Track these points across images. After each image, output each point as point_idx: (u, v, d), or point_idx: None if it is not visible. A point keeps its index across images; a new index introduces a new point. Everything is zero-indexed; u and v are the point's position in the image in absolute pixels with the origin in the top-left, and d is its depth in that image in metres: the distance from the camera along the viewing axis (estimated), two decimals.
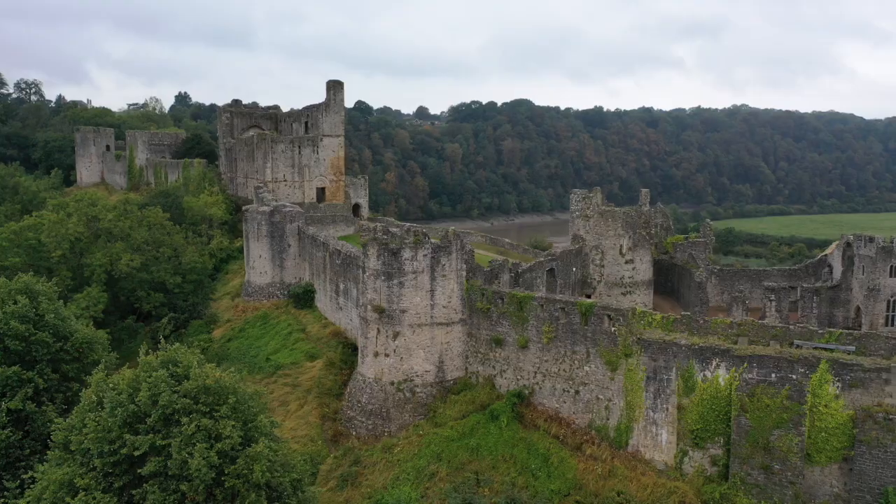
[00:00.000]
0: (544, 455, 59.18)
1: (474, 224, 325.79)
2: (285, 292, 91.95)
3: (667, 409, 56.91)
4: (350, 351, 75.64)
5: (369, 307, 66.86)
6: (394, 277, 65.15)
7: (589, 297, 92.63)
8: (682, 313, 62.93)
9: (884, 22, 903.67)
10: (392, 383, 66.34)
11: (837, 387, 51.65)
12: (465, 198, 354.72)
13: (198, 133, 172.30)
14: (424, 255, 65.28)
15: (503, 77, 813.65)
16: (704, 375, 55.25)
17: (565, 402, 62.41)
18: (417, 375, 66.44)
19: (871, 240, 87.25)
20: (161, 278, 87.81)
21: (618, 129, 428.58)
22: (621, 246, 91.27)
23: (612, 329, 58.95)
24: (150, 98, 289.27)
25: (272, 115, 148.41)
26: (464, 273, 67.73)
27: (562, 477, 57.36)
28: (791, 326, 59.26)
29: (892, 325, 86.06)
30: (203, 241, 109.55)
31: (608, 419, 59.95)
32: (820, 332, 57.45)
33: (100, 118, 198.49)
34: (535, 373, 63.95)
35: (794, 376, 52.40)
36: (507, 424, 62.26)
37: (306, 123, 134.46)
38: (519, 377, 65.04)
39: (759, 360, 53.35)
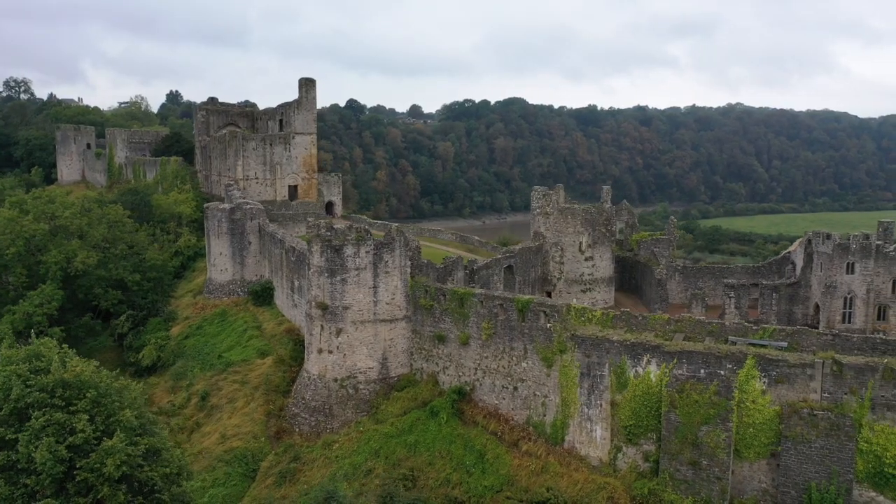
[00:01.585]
0: (480, 451, 59.31)
1: (466, 222, 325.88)
2: (246, 290, 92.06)
3: (600, 405, 56.98)
4: (301, 348, 75.65)
5: (313, 304, 66.97)
6: (336, 274, 65.25)
7: (549, 294, 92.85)
8: (622, 310, 62.97)
9: (876, 21, 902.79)
10: (335, 380, 66.46)
11: (764, 382, 51.75)
12: (456, 196, 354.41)
13: (177, 131, 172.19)
14: (367, 252, 65.37)
15: (499, 76, 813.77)
16: (636, 371, 55.32)
17: (504, 399, 62.50)
18: (361, 372, 66.55)
19: (829, 237, 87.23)
20: (119, 276, 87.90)
21: (611, 128, 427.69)
22: (581, 243, 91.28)
23: (548, 325, 59.00)
24: (136, 96, 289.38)
25: (248, 113, 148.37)
26: (408, 270, 67.77)
27: (496, 473, 57.47)
28: (726, 323, 59.29)
29: (849, 322, 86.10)
30: (170, 238, 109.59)
31: (545, 415, 60.02)
32: (754, 328, 57.56)
33: (82, 116, 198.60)
34: (476, 369, 64.03)
35: (721, 372, 52.50)
36: (446, 421, 62.37)
37: (281, 121, 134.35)
38: (461, 374, 65.12)
39: (688, 356, 53.44)
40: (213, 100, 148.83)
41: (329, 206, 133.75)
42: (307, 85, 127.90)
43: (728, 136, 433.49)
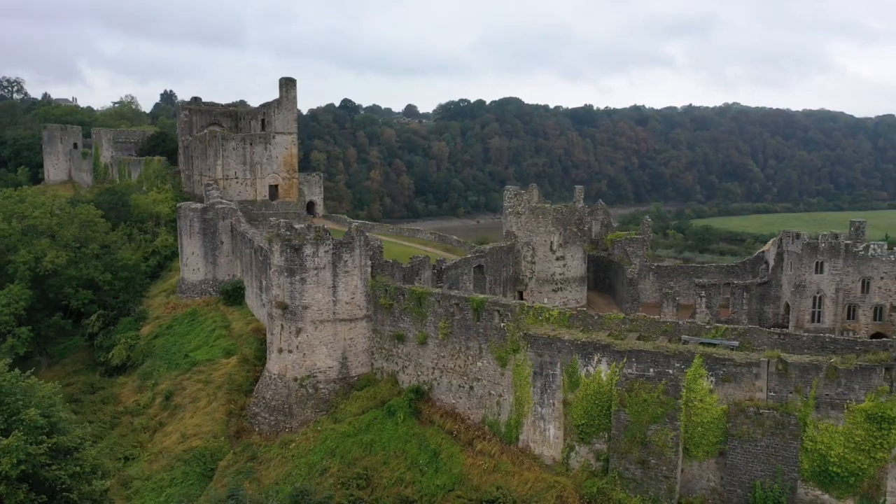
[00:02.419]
0: (435, 451, 59.41)
1: (460, 222, 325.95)
2: (218, 289, 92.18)
3: (553, 404, 57.06)
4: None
5: (274, 303, 67.09)
6: (296, 273, 65.39)
7: (521, 293, 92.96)
8: (578, 309, 63.05)
9: (871, 21, 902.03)
10: (295, 379, 66.59)
11: (711, 381, 51.80)
12: (450, 196, 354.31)
13: (163, 131, 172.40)
14: (326, 252, 65.50)
15: (496, 75, 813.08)
16: (587, 371, 55.39)
17: (461, 398, 62.61)
18: (320, 372, 66.68)
19: (798, 236, 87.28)
20: (90, 275, 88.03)
21: (607, 128, 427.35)
22: (552, 243, 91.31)
23: (502, 325, 59.11)
24: (126, 96, 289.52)
25: (232, 113, 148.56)
26: (368, 269, 67.88)
27: (448, 472, 57.56)
28: (680, 322, 59.37)
29: (819, 321, 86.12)
30: (147, 238, 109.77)
31: (500, 415, 60.12)
32: (707, 327, 57.61)
33: (70, 116, 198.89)
34: (434, 368, 64.15)
35: (670, 371, 52.56)
36: (403, 420, 62.50)
37: (263, 121, 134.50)
38: (419, 373, 65.24)
39: (637, 355, 53.51)
40: (196, 99, 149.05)
41: (310, 206, 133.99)
42: (287, 84, 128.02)
43: (724, 136, 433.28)
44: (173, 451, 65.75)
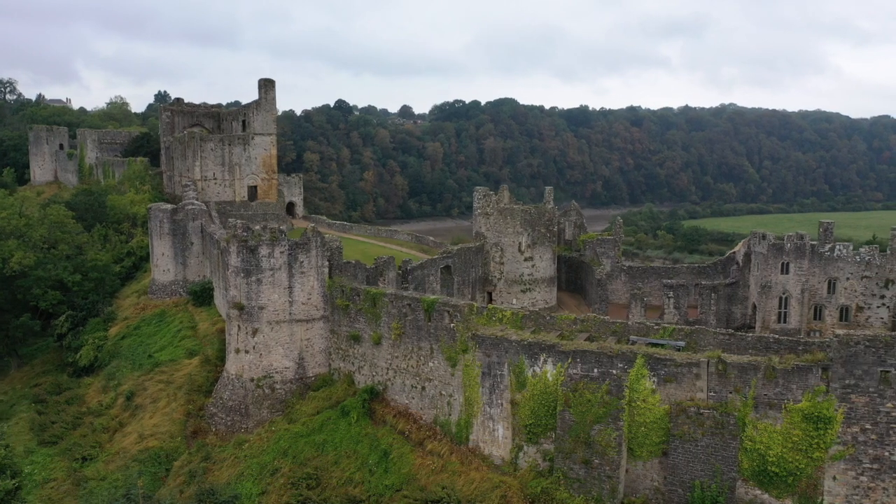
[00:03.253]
0: (385, 451, 59.62)
1: (454, 223, 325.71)
2: (188, 290, 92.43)
3: (501, 404, 57.24)
4: None
5: (231, 304, 67.36)
6: (252, 274, 65.66)
7: (490, 294, 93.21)
8: (529, 310, 63.24)
9: (864, 22, 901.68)
10: (252, 380, 66.85)
11: (654, 382, 51.95)
12: (445, 197, 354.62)
13: (148, 132, 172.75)
14: (281, 253, 65.76)
15: (492, 76, 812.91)
16: (534, 371, 55.57)
17: (413, 398, 62.83)
18: (277, 372, 66.93)
19: (764, 237, 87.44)
20: (59, 276, 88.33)
21: (602, 128, 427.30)
22: (520, 243, 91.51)
23: (451, 325, 59.31)
24: (116, 96, 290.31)
25: (214, 114, 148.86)
26: (325, 270, 68.13)
27: (397, 472, 57.78)
28: (629, 322, 59.58)
29: (785, 322, 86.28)
30: (123, 239, 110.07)
31: (450, 415, 60.33)
32: (655, 327, 57.81)
33: (58, 117, 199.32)
34: (388, 369, 64.37)
35: (613, 371, 52.73)
36: (356, 420, 62.73)
37: (244, 122, 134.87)
38: (374, 373, 65.48)
39: (581, 355, 53.67)
40: (178, 100, 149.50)
41: (290, 207, 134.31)
42: (266, 86, 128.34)
43: (719, 137, 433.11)
44: (130, 452, 66.07)
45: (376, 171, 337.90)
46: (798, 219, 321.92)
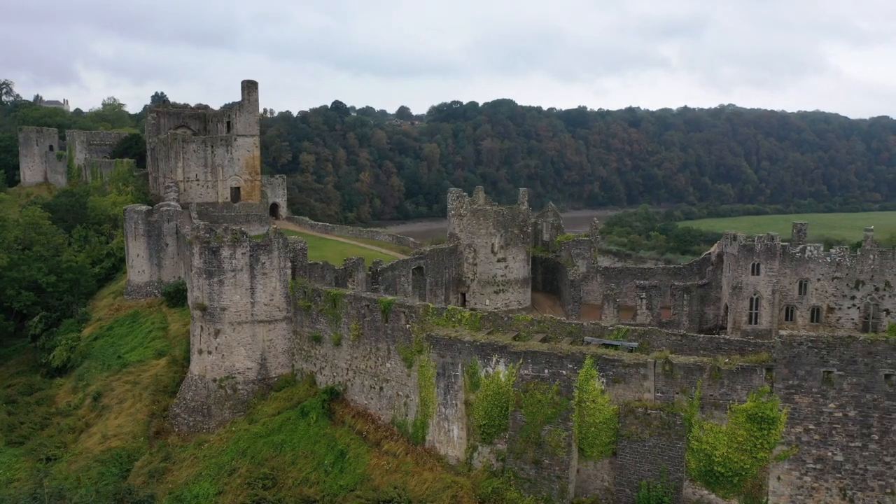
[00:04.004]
0: (342, 451, 59.87)
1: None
2: (162, 291, 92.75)
3: (456, 404, 57.44)
4: None
5: (194, 305, 67.68)
6: (214, 275, 65.98)
7: (464, 295, 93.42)
8: (487, 311, 63.42)
9: (862, 22, 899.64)
10: (215, 380, 67.17)
11: (602, 382, 52.11)
12: (441, 198, 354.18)
13: (137, 133, 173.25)
14: (243, 254, 66.07)
15: (490, 77, 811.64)
16: (487, 371, 55.77)
17: (372, 399, 63.07)
18: (239, 373, 67.24)
19: (735, 238, 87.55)
20: (34, 277, 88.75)
21: (600, 129, 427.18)
22: (493, 245, 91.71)
23: (407, 326, 59.53)
24: (109, 98, 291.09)
25: (200, 115, 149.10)
26: (288, 271, 68.40)
27: (353, 472, 58.03)
28: (585, 323, 59.73)
29: (756, 322, 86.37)
30: (103, 240, 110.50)
31: (407, 415, 60.54)
32: (609, 328, 57.95)
33: (49, 118, 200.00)
34: (348, 369, 64.63)
35: (563, 372, 52.92)
36: (315, 421, 63.00)
37: (228, 123, 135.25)
38: (335, 374, 65.75)
39: (532, 355, 53.87)
40: (164, 101, 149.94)
41: (274, 208, 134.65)
42: (249, 87, 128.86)
43: (717, 138, 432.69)
44: (93, 452, 66.37)
45: (372, 173, 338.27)
46: (794, 219, 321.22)
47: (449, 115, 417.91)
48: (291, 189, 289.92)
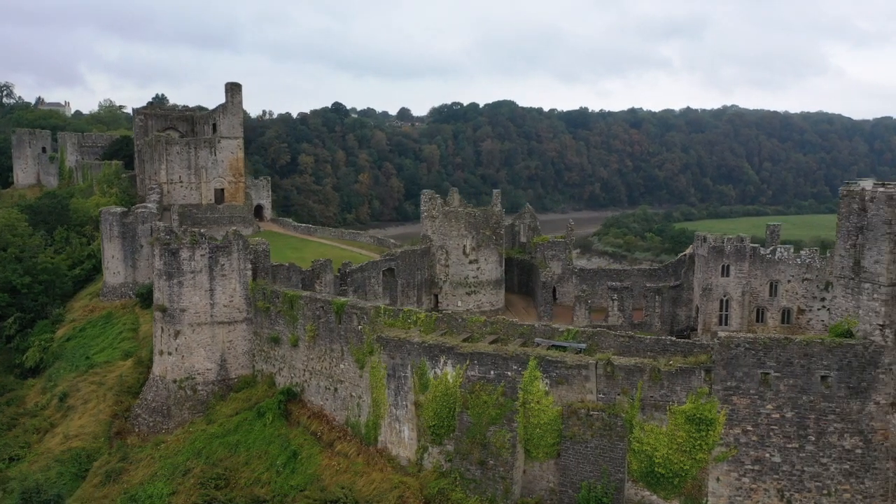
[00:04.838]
0: (295, 451, 60.19)
1: None
2: (136, 292, 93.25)
3: (406, 405, 57.68)
4: None
5: (155, 306, 68.10)
6: (174, 277, 66.39)
7: (436, 296, 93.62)
8: (443, 312, 63.64)
9: (863, 22, 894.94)
10: (175, 381, 67.57)
11: (546, 384, 52.26)
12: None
13: (129, 135, 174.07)
14: (202, 256, 66.45)
15: (491, 78, 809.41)
16: (435, 373, 55.97)
17: (327, 400, 63.38)
18: (199, 374, 67.63)
19: (705, 239, 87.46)
20: (8, 279, 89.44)
21: (601, 130, 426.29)
22: (465, 246, 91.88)
23: (359, 327, 59.80)
24: (105, 100, 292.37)
25: (188, 117, 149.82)
26: (248, 273, 68.75)
27: (304, 473, 58.36)
28: (535, 324, 59.92)
29: (726, 323, 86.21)
30: (83, 241, 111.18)
31: (360, 416, 60.80)
32: (559, 330, 58.10)
33: (44, 120, 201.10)
34: (305, 370, 64.95)
35: (508, 373, 53.14)
36: (271, 422, 63.35)
37: (214, 125, 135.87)
38: (293, 375, 66.07)
39: (479, 357, 54.12)
40: (152, 103, 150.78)
41: (258, 210, 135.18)
42: (233, 89, 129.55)
43: (719, 139, 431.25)
44: (54, 452, 66.83)
45: (372, 174, 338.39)
46: (794, 220, 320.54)
47: (449, 116, 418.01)
48: (290, 190, 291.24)
